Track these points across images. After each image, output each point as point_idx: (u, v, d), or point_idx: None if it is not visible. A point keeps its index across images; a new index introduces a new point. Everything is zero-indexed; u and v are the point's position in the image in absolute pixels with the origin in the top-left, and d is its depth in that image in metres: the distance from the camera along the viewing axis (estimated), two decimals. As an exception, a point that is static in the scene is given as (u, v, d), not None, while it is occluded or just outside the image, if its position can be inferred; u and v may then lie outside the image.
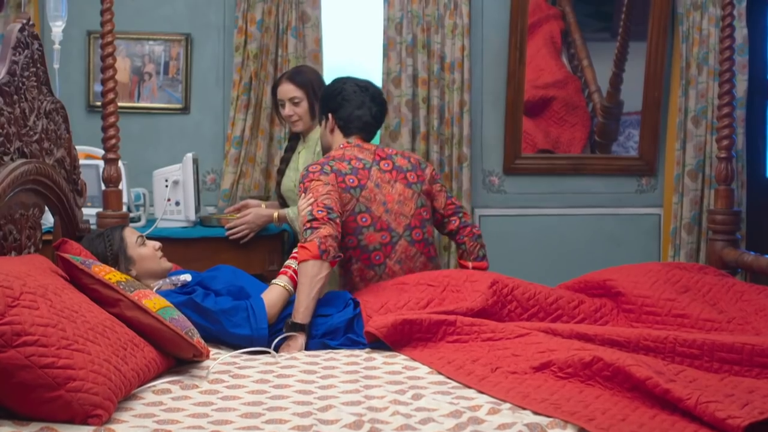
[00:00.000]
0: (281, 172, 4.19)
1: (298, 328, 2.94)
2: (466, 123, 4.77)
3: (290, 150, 4.19)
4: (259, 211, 4.03)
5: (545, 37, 4.96)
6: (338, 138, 3.52)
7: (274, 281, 3.10)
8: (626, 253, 4.93)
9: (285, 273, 3.12)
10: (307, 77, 4.00)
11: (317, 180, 3.26)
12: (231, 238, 4.00)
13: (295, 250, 3.21)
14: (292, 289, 3.07)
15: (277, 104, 4.10)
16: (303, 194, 3.25)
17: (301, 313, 2.96)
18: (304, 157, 4.04)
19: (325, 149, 3.61)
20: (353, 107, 3.50)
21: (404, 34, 4.68)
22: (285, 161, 4.19)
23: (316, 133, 3.97)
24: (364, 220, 3.33)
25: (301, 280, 3.01)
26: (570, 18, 4.95)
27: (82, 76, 4.62)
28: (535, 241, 4.99)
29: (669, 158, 4.98)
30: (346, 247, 3.33)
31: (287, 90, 3.97)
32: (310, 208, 3.14)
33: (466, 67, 4.75)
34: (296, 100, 3.97)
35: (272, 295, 3.02)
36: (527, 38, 4.85)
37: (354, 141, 3.50)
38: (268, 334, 2.89)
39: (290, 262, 3.16)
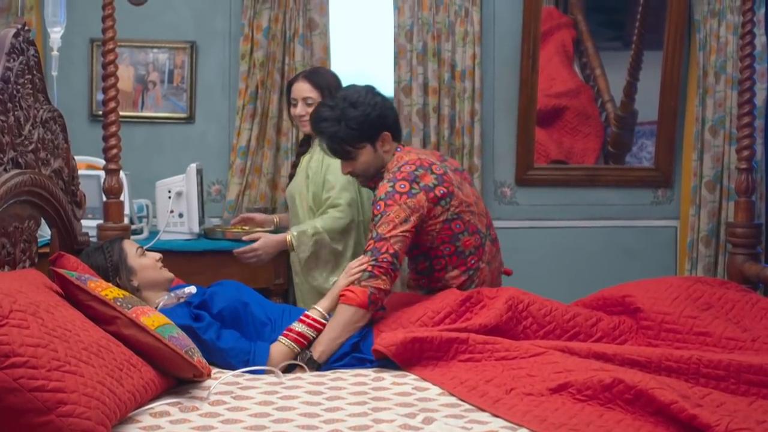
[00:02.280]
0: (291, 177, 4.03)
1: (312, 363, 2.82)
2: (477, 133, 4.69)
3: (301, 155, 4.02)
4: (269, 237, 3.72)
5: (557, 46, 4.90)
6: (392, 148, 3.23)
7: (280, 339, 2.87)
8: (642, 266, 4.84)
9: (288, 336, 2.87)
10: (324, 78, 3.80)
11: (402, 205, 3.02)
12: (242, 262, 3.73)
13: (305, 313, 2.97)
14: (298, 349, 2.86)
15: (289, 102, 3.87)
16: (379, 214, 3.02)
17: (323, 353, 2.84)
18: (307, 160, 3.85)
19: (375, 172, 3.24)
20: (390, 111, 3.27)
21: (415, 41, 4.61)
22: (295, 166, 4.04)
23: None
24: (458, 226, 3.15)
25: (336, 321, 2.88)
26: (582, 26, 4.90)
27: (84, 84, 4.56)
28: (548, 254, 4.91)
29: (686, 169, 4.90)
30: (442, 256, 3.18)
31: (302, 89, 3.77)
32: (378, 245, 2.95)
33: (478, 76, 4.67)
34: (310, 101, 3.73)
35: (277, 352, 2.83)
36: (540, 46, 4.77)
37: (404, 144, 3.33)
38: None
39: (297, 327, 2.89)
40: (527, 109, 4.78)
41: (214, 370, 2.62)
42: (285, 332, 2.89)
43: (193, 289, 2.92)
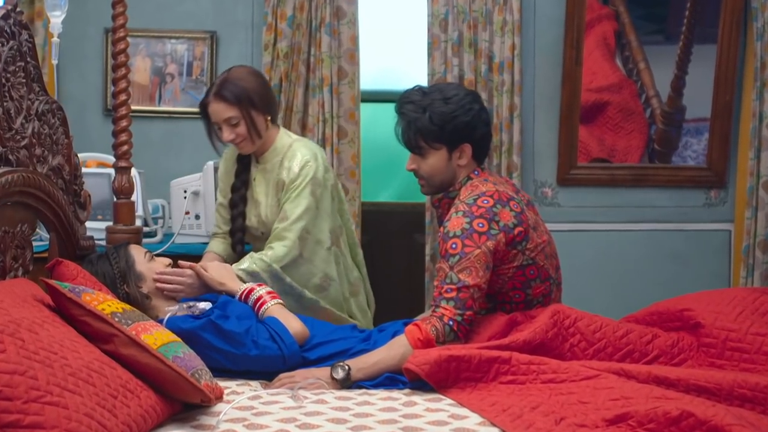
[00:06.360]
0: (242, 215, 3.31)
1: (345, 382, 2.60)
2: (517, 129, 4.56)
3: (241, 182, 3.31)
4: (216, 276, 3.01)
5: (598, 38, 4.78)
6: (469, 165, 2.94)
7: (272, 304, 2.87)
8: (692, 273, 4.71)
9: (275, 296, 2.93)
10: (240, 87, 3.11)
11: (483, 247, 2.74)
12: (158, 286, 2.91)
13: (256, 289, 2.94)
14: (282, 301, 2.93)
15: (210, 129, 3.21)
16: (456, 255, 2.73)
17: (363, 374, 2.63)
18: (264, 185, 3.28)
19: (440, 185, 2.96)
20: (484, 126, 2.95)
21: (449, 31, 4.50)
22: (241, 199, 3.31)
23: (279, 145, 3.22)
24: (531, 272, 2.90)
25: (391, 353, 2.66)
26: (624, 18, 4.76)
27: (99, 77, 4.47)
28: (592, 259, 4.75)
29: (741, 168, 4.72)
30: (509, 302, 2.94)
31: (218, 110, 3.11)
32: (463, 297, 2.70)
33: (517, 68, 4.55)
34: (234, 121, 3.12)
35: (281, 310, 2.84)
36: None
37: (484, 168, 3.01)
38: (298, 349, 2.69)
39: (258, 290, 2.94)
40: (570, 104, 4.63)
41: (227, 391, 2.39)
42: (270, 295, 2.90)
43: (207, 305, 2.78)
